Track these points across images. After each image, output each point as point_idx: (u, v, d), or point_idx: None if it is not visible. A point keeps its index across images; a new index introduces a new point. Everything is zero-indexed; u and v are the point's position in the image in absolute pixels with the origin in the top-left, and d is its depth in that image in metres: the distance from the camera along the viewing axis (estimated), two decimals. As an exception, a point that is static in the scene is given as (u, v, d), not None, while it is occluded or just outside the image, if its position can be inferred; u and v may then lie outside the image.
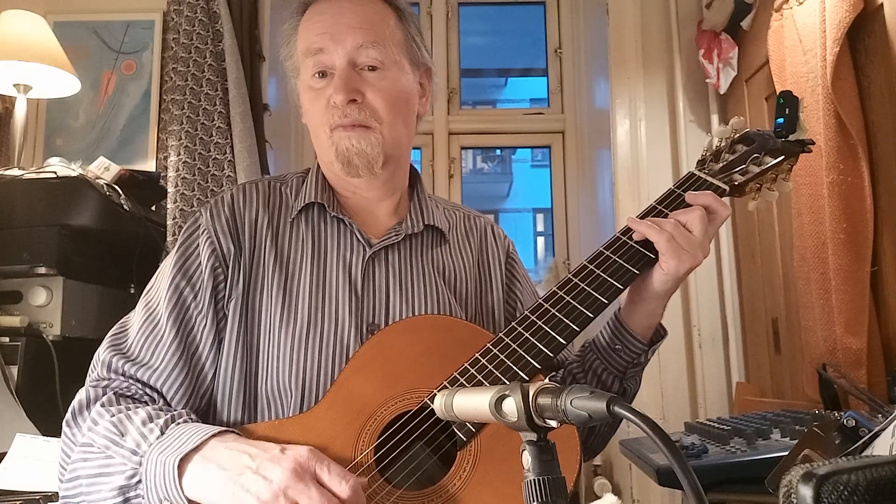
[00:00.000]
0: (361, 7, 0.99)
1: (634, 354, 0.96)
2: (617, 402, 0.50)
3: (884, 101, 1.45)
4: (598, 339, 0.99)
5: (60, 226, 1.73)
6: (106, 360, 0.92)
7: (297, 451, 0.76)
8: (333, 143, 0.97)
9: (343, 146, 0.97)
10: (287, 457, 0.75)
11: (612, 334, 0.97)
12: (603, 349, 0.97)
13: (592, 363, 0.98)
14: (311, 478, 0.74)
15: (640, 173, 2.39)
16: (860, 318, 1.43)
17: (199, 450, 0.78)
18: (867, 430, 0.78)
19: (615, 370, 0.97)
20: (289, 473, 0.73)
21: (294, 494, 0.73)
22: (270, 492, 0.73)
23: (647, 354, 0.97)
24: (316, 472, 0.75)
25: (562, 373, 1.04)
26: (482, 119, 3.30)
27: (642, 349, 0.95)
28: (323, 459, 0.76)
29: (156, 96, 2.39)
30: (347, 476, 0.75)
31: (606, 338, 0.97)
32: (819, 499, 0.51)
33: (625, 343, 0.95)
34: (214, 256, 0.96)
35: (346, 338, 0.93)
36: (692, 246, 0.88)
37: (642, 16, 2.44)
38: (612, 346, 0.96)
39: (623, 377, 0.97)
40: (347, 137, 0.96)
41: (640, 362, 0.97)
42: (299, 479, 0.73)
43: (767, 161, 1.00)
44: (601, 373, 0.98)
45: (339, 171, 0.99)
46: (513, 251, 1.15)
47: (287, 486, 0.73)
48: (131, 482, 0.81)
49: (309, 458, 0.76)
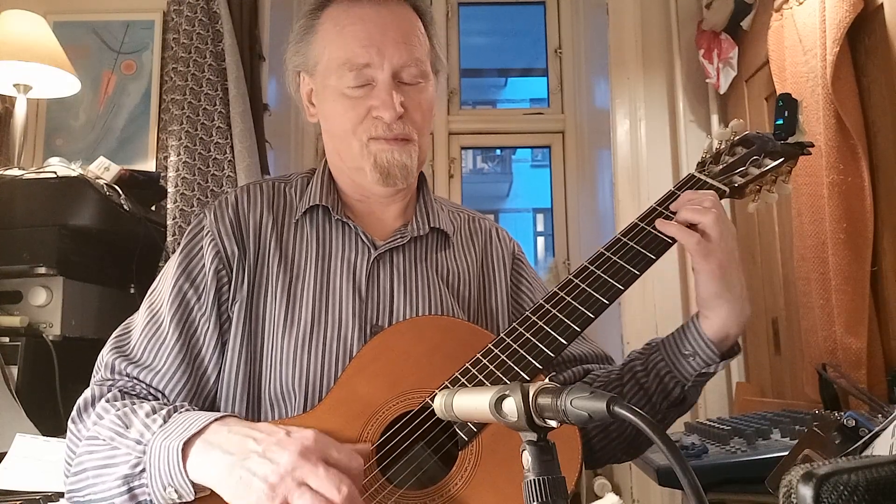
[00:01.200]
0: (399, 16, 0.98)
1: (704, 363, 0.92)
2: (617, 403, 0.50)
3: (884, 101, 1.45)
4: (669, 342, 0.96)
5: (60, 226, 1.73)
6: (109, 362, 0.92)
7: (303, 433, 0.76)
8: (371, 153, 0.97)
9: (384, 158, 0.96)
10: (293, 439, 0.75)
11: (684, 338, 0.94)
12: (671, 352, 0.95)
13: (657, 364, 0.96)
14: (319, 458, 0.74)
15: (640, 173, 2.39)
16: (860, 318, 1.43)
17: (202, 434, 0.79)
18: (867, 430, 0.78)
19: (680, 375, 0.94)
20: (296, 456, 0.73)
21: (302, 475, 0.73)
22: (278, 474, 0.72)
23: (717, 366, 0.93)
24: (324, 452, 0.75)
25: (618, 369, 1.02)
26: (482, 119, 3.30)
27: (713, 359, 0.92)
28: (329, 439, 0.76)
29: (156, 96, 2.39)
30: (355, 454, 0.76)
31: (677, 341, 0.95)
32: (819, 499, 0.51)
33: (696, 348, 0.92)
34: (218, 258, 0.96)
35: (349, 340, 0.93)
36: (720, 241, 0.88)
37: (642, 16, 2.45)
38: (682, 350, 0.94)
39: (686, 384, 0.94)
40: (390, 151, 0.96)
41: (707, 373, 0.94)
42: (307, 460, 0.73)
43: (767, 163, 1.00)
44: (664, 375, 0.95)
45: (373, 179, 0.98)
46: (519, 252, 1.15)
47: (295, 468, 0.73)
48: (135, 471, 0.80)
49: (315, 439, 0.76)
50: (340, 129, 0.99)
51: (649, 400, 0.96)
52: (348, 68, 0.95)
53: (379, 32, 0.96)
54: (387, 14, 0.97)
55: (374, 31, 0.96)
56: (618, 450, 1.02)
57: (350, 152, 0.99)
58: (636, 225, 0.94)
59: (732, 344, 0.94)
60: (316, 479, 0.72)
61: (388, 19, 0.97)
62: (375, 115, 0.96)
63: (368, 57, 0.95)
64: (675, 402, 0.96)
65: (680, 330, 0.96)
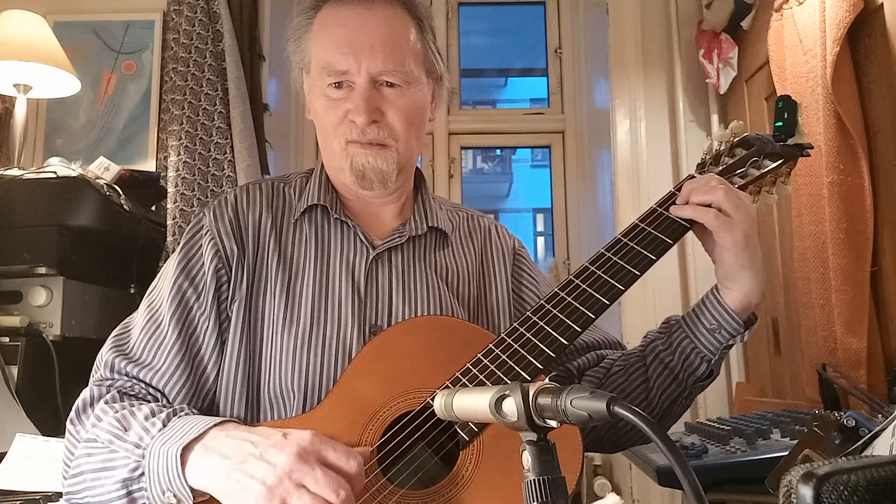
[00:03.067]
0: (385, 20, 0.97)
1: (730, 335, 0.93)
2: (616, 402, 0.50)
3: (884, 101, 1.45)
4: (690, 318, 0.97)
5: (60, 226, 1.73)
6: (109, 360, 0.92)
7: (300, 434, 0.76)
8: (349, 155, 0.97)
9: (359, 162, 0.97)
10: (290, 441, 0.75)
11: (707, 312, 0.95)
12: (695, 328, 0.95)
13: (681, 342, 0.97)
14: (316, 459, 0.74)
15: (640, 173, 2.39)
16: (860, 318, 1.43)
17: (201, 439, 0.79)
18: (867, 430, 0.78)
19: (707, 350, 0.95)
20: (293, 457, 0.73)
21: (299, 477, 0.72)
22: (276, 476, 0.72)
23: (743, 336, 0.95)
24: (321, 453, 0.75)
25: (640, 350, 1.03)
26: (482, 119, 3.31)
27: (738, 330, 0.93)
28: (326, 440, 0.76)
29: (156, 96, 2.39)
30: (353, 453, 0.76)
31: (699, 316, 0.95)
32: (819, 499, 0.51)
33: (721, 322, 0.93)
34: (218, 257, 0.96)
35: (348, 339, 0.93)
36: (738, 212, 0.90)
37: (642, 16, 2.44)
38: (706, 325, 0.94)
39: (713, 359, 0.95)
40: (364, 154, 0.97)
41: (730, 345, 0.95)
42: (304, 462, 0.73)
43: (766, 164, 1.01)
44: (690, 352, 0.96)
45: (350, 181, 0.99)
46: (520, 248, 1.15)
47: (292, 470, 0.73)
48: (134, 475, 0.81)
49: (312, 440, 0.76)
50: (324, 128, 1.00)
51: (675, 378, 0.98)
52: (327, 72, 0.96)
53: (357, 35, 0.95)
54: (371, 18, 0.96)
55: (353, 34, 0.96)
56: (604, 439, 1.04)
57: (332, 152, 1.00)
58: (636, 225, 0.95)
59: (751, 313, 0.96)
60: (314, 481, 0.72)
61: (372, 24, 0.96)
62: (351, 119, 0.96)
63: (346, 63, 0.95)
64: (702, 377, 0.97)
65: (700, 305, 0.96)
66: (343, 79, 0.96)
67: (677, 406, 1.01)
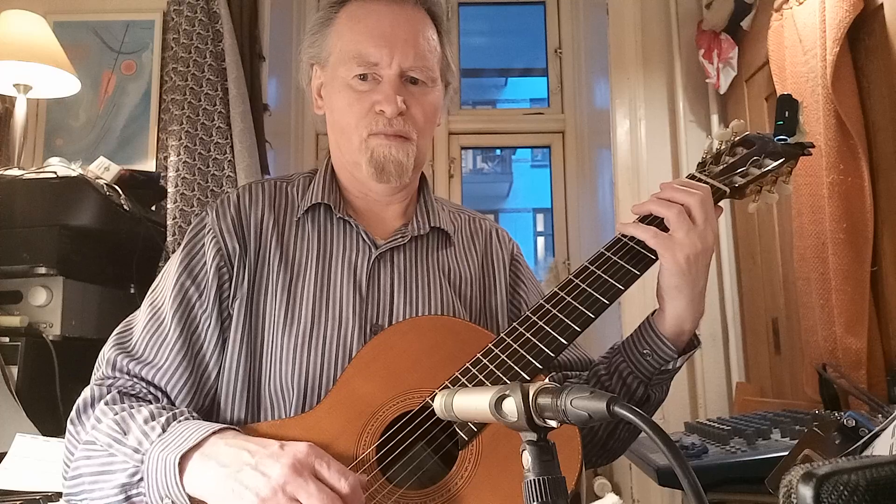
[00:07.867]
0: (413, 21, 1.00)
1: (662, 360, 0.92)
2: (617, 402, 0.50)
3: (884, 101, 1.45)
4: (627, 343, 0.96)
5: (60, 226, 1.73)
6: (111, 358, 0.92)
7: (297, 447, 0.76)
8: (369, 147, 0.98)
9: (381, 153, 0.97)
10: (286, 453, 0.75)
11: (641, 337, 0.94)
12: (631, 352, 0.95)
13: (619, 366, 0.96)
14: (310, 473, 0.74)
15: (640, 173, 2.39)
16: (860, 318, 1.43)
17: (200, 447, 0.79)
18: (867, 430, 0.78)
19: (641, 375, 0.94)
20: (288, 469, 0.73)
21: (293, 490, 0.72)
22: (269, 488, 0.73)
23: (676, 362, 0.93)
24: (315, 468, 0.75)
25: (587, 374, 1.02)
26: (482, 119, 3.31)
27: (671, 356, 0.91)
28: (322, 455, 0.76)
29: (156, 96, 2.39)
30: (347, 472, 0.75)
31: (635, 341, 0.95)
32: (819, 499, 0.51)
33: (654, 347, 0.92)
34: (220, 256, 0.96)
35: (349, 338, 0.94)
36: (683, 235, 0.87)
37: (642, 16, 2.45)
38: (640, 349, 0.94)
39: (649, 383, 0.94)
40: (388, 146, 0.97)
41: (667, 370, 0.93)
42: (298, 475, 0.73)
43: (767, 164, 1.00)
44: (626, 376, 0.95)
45: (368, 174, 0.99)
46: (517, 253, 1.15)
47: (286, 482, 0.73)
48: (133, 480, 0.81)
49: (308, 454, 0.76)
50: (343, 121, 1.00)
51: None
52: (357, 62, 0.97)
53: (392, 30, 0.97)
54: (402, 14, 0.99)
55: (388, 28, 0.98)
56: (592, 453, 1.02)
57: (349, 146, 1.00)
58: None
59: (689, 339, 0.94)
60: (307, 495, 0.72)
61: (403, 19, 0.99)
62: (378, 110, 0.97)
63: (379, 55, 0.96)
64: (640, 400, 0.96)
65: (638, 329, 0.96)
66: (372, 70, 0.97)
67: (620, 430, 1.00)
